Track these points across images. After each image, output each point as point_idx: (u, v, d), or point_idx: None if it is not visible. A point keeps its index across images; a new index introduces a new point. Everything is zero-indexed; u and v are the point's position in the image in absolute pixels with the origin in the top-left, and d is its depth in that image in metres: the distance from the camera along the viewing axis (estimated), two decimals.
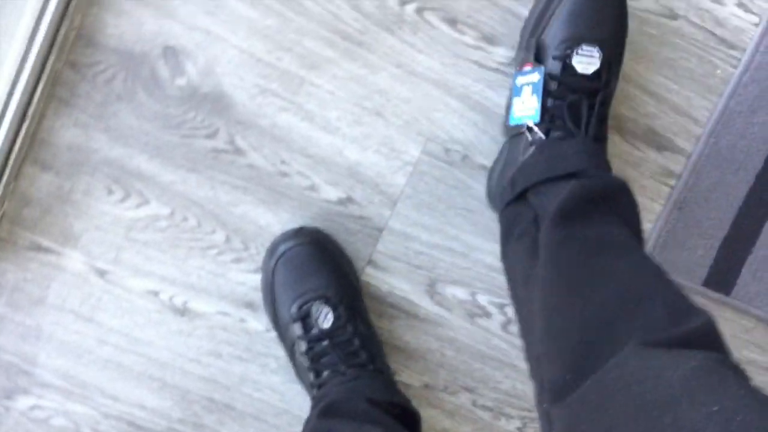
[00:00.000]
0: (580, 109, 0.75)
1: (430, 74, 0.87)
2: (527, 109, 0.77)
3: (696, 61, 0.88)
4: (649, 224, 0.93)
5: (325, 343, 0.80)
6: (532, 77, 0.76)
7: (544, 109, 0.76)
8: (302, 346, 0.81)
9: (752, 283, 0.95)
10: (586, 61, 0.76)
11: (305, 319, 0.81)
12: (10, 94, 0.77)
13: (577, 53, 0.75)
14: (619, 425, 0.47)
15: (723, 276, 0.95)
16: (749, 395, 0.44)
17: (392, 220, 0.89)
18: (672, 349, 0.52)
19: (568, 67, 0.76)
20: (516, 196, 0.76)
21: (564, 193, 0.70)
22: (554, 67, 0.76)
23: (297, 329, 0.81)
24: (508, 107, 0.82)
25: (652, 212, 0.93)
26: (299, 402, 0.91)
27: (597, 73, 0.76)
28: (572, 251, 0.67)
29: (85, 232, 0.87)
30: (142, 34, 0.83)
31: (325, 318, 0.80)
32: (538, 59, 0.78)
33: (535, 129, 0.76)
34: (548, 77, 0.76)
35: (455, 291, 0.92)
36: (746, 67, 0.89)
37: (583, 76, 0.76)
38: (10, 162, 0.81)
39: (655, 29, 0.87)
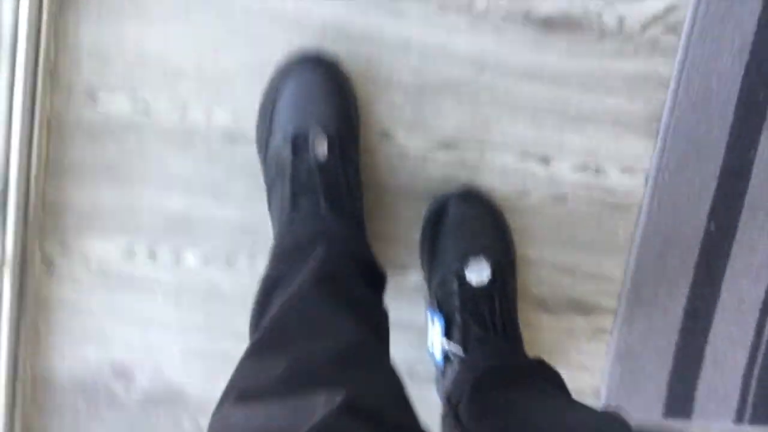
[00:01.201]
0: (484, 316, 0.83)
1: None
2: (437, 348, 0.86)
3: (596, 230, 0.95)
4: (594, 381, 0.99)
5: (313, 174, 0.78)
6: (436, 325, 0.85)
7: (456, 325, 0.84)
8: (287, 170, 0.78)
9: (709, 402, 1.02)
10: (477, 272, 0.84)
11: (299, 143, 0.78)
12: None
13: (467, 267, 0.84)
14: None
15: (680, 404, 1.02)
16: None
17: None
18: None
19: (464, 282, 0.84)
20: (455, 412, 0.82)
21: (477, 374, 0.77)
22: (453, 284, 0.84)
23: (287, 151, 0.79)
24: (430, 338, 0.89)
25: (596, 371, 0.99)
26: None
27: (492, 278, 0.84)
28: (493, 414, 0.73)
29: None
30: (88, 363, 0.92)
31: (321, 147, 0.78)
32: (438, 295, 0.87)
33: (453, 349, 0.84)
34: (450, 304, 0.85)
35: None
36: (646, 222, 0.95)
37: (480, 284, 0.84)
38: None
39: (549, 215, 0.93)
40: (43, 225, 0.88)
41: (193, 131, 0.86)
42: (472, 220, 0.87)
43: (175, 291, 0.92)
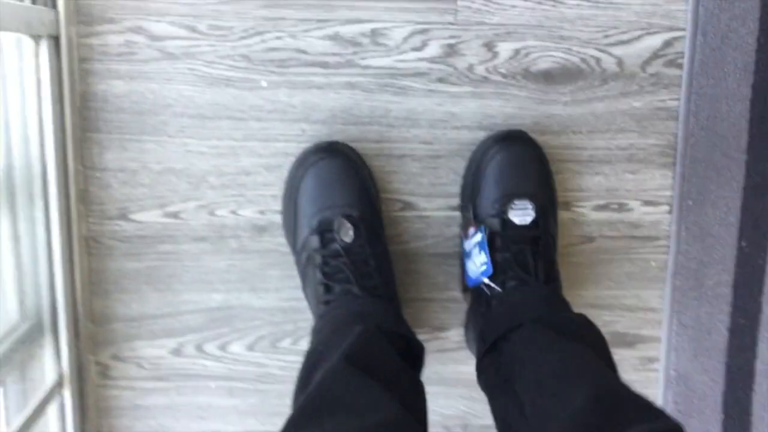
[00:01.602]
0: (526, 258, 0.84)
1: None
2: (479, 266, 0.87)
3: (628, 264, 0.97)
4: None
5: (342, 259, 0.82)
6: (476, 237, 0.87)
7: (494, 263, 0.85)
8: (317, 259, 0.83)
9: (766, 414, 1.04)
10: (522, 214, 0.85)
11: (325, 233, 0.83)
12: None
13: (511, 208, 0.85)
14: None
15: (737, 421, 1.04)
16: None
17: None
18: None
19: (506, 222, 0.85)
20: (488, 348, 0.82)
21: (527, 331, 0.77)
22: (494, 224, 0.86)
23: (315, 242, 0.84)
24: (463, 272, 0.91)
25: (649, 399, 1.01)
26: None
27: (534, 222, 0.85)
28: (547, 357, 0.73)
29: None
30: None
31: (347, 234, 0.82)
32: (478, 219, 0.88)
33: (492, 284, 0.85)
34: (491, 233, 0.86)
35: None
36: (677, 249, 0.97)
37: (522, 227, 0.85)
38: None
39: (580, 257, 0.96)
40: (94, 338, 0.94)
41: (222, 229, 0.92)
42: (518, 163, 0.87)
43: (226, 379, 0.97)
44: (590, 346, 0.76)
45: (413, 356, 0.83)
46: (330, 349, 0.75)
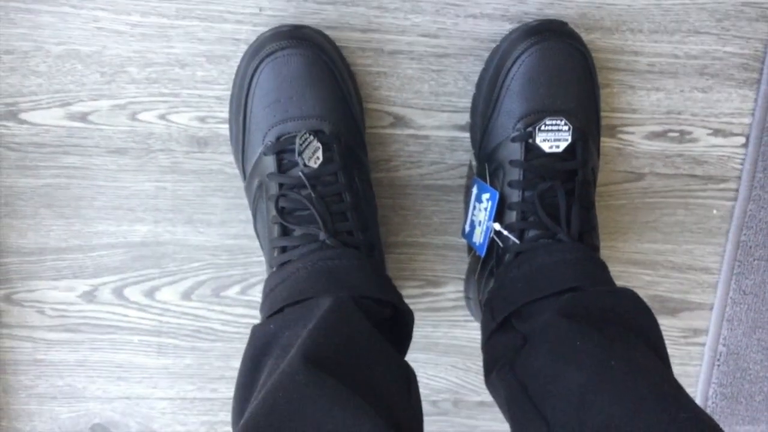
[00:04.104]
0: (556, 199, 0.65)
1: None
2: (480, 233, 0.69)
3: (683, 211, 0.79)
4: (690, 389, 0.86)
5: (305, 191, 0.63)
6: (485, 202, 0.68)
7: (513, 205, 0.67)
8: (272, 189, 0.64)
9: None
10: (554, 137, 0.66)
11: (284, 152, 0.64)
12: None
13: (540, 129, 0.66)
14: None
15: None
16: None
17: None
18: None
19: (532, 148, 0.66)
20: (499, 325, 0.65)
21: (551, 316, 0.58)
22: (514, 151, 0.67)
23: (269, 164, 0.65)
24: (466, 218, 0.73)
25: (689, 376, 0.86)
26: None
27: (570, 149, 0.66)
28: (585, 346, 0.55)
29: None
30: (62, 426, 0.81)
31: (313, 156, 0.64)
32: (491, 165, 0.69)
33: (505, 233, 0.67)
34: (509, 177, 0.67)
35: None
36: (748, 196, 0.79)
37: (554, 156, 0.66)
38: None
39: (621, 198, 0.78)
40: None
41: (149, 139, 0.72)
42: (554, 67, 0.67)
43: (154, 334, 0.80)
44: (641, 338, 0.57)
45: (399, 328, 0.65)
46: (285, 331, 0.57)
